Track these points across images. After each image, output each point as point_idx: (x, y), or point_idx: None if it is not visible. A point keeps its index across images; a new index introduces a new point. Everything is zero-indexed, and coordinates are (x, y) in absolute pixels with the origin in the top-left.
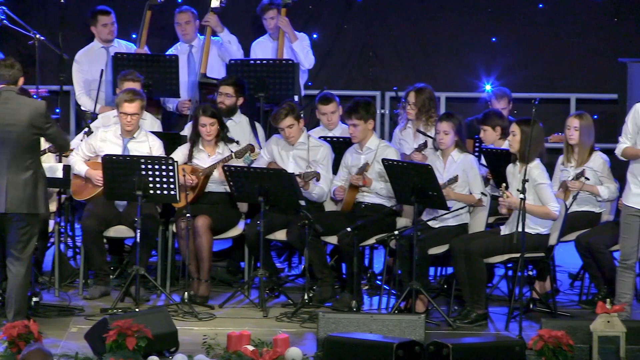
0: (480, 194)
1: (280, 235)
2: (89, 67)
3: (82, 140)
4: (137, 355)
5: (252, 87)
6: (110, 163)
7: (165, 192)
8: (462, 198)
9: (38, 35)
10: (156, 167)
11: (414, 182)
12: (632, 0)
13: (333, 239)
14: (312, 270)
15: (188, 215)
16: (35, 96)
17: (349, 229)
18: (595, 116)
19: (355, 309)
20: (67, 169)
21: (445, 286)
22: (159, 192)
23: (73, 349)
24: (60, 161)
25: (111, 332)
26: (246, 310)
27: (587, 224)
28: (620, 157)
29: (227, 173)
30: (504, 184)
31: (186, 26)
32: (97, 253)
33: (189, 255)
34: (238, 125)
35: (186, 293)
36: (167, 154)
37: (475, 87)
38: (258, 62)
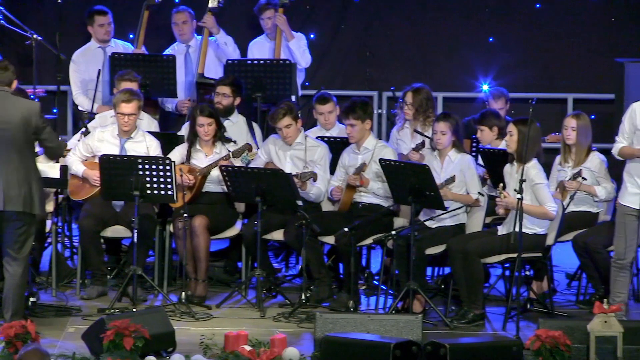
0: (478, 194)
1: (278, 235)
2: (86, 67)
3: (79, 140)
4: (135, 356)
5: (249, 87)
6: (107, 163)
7: (163, 192)
8: (459, 198)
9: (35, 36)
10: (153, 167)
11: (411, 182)
12: (629, 1)
13: (330, 239)
14: (310, 271)
15: (185, 215)
16: (32, 96)
17: (346, 229)
18: (593, 116)
19: (352, 309)
20: (65, 169)
21: (443, 286)
22: (156, 192)
23: (70, 349)
24: (58, 161)
25: (108, 332)
26: (243, 311)
27: (584, 224)
28: (617, 157)
29: (225, 173)
30: (501, 184)
31: (183, 26)
32: (95, 253)
33: (186, 255)
34: (235, 125)
35: (183, 293)
36: (164, 154)
37: (472, 87)
38: (255, 62)
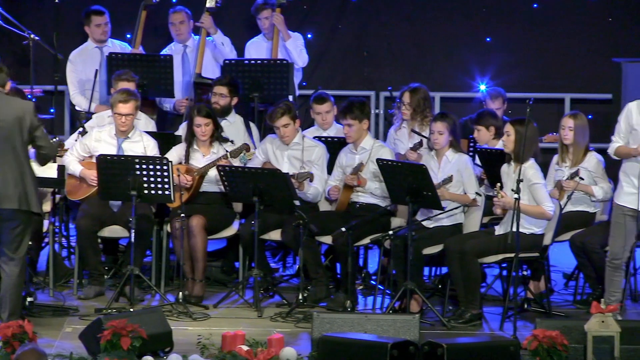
0: (475, 194)
1: (275, 235)
2: (83, 67)
3: (76, 140)
4: (132, 355)
5: (246, 87)
6: (104, 163)
7: (160, 192)
8: (456, 198)
9: (32, 35)
10: (150, 167)
11: (409, 182)
12: (627, 1)
13: (327, 239)
14: (307, 270)
15: (182, 215)
16: (30, 96)
17: (343, 228)
18: (590, 116)
19: (349, 309)
20: (62, 169)
21: (440, 286)
22: (153, 192)
23: (67, 349)
24: (55, 161)
25: (106, 332)
26: (241, 310)
27: (581, 223)
28: (613, 156)
29: (222, 173)
30: (498, 184)
31: (180, 26)
32: (92, 253)
33: (184, 255)
34: (232, 125)
35: (181, 293)
36: (161, 154)
37: (469, 87)
38: (252, 62)
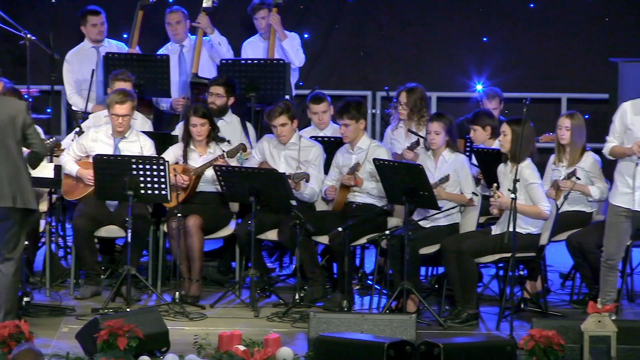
0: (472, 193)
1: (272, 235)
2: (79, 67)
3: (73, 140)
4: (128, 355)
5: (243, 87)
6: (101, 163)
7: (156, 192)
8: (453, 198)
9: (29, 35)
10: (147, 167)
11: (405, 182)
12: (623, 0)
13: (324, 239)
14: (303, 270)
15: (179, 215)
16: (26, 96)
17: (340, 228)
18: (587, 116)
19: (346, 309)
20: (58, 169)
21: (437, 286)
22: (150, 192)
23: (64, 348)
24: (52, 161)
25: (102, 332)
26: (237, 310)
27: (578, 223)
28: (608, 156)
29: (219, 173)
30: (495, 184)
31: (177, 26)
32: (88, 253)
33: (180, 255)
34: (229, 125)
35: (177, 293)
36: (158, 154)
37: (466, 86)
38: (249, 62)
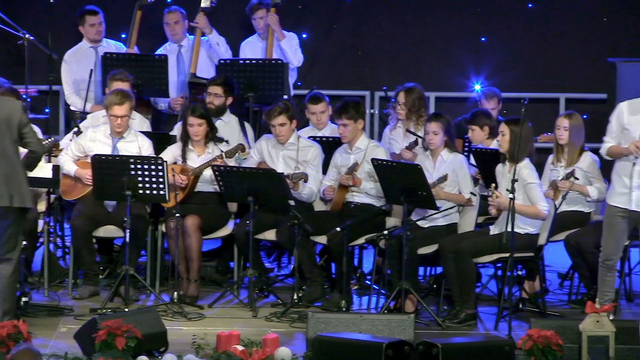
0: (470, 193)
1: (270, 235)
2: (77, 67)
3: (71, 140)
4: (127, 355)
5: (241, 87)
6: (99, 163)
7: (155, 192)
8: (451, 197)
9: (27, 35)
10: (145, 167)
11: (404, 182)
12: (622, 0)
13: (322, 239)
14: (302, 270)
15: (177, 215)
16: (24, 96)
17: (338, 228)
18: (585, 116)
19: (344, 309)
20: (57, 169)
21: (435, 286)
22: (148, 192)
23: (62, 348)
24: (50, 161)
25: (100, 332)
26: (235, 310)
27: (576, 223)
28: (605, 157)
29: (217, 173)
30: (493, 184)
31: (175, 26)
32: (87, 253)
33: (179, 255)
34: (227, 125)
35: (175, 293)
36: (156, 154)
37: (464, 86)
38: (247, 62)
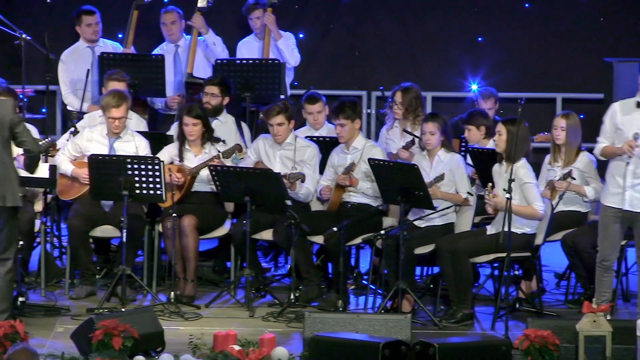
0: (467, 193)
1: (267, 235)
2: (74, 66)
3: (68, 140)
4: (123, 355)
5: (238, 87)
6: (96, 163)
7: (152, 192)
8: (448, 197)
9: (24, 35)
10: (142, 167)
11: (400, 181)
12: (618, 0)
13: (319, 239)
14: (299, 270)
15: (174, 215)
16: (21, 96)
17: (335, 228)
18: (582, 116)
19: (341, 309)
20: (53, 169)
21: (432, 286)
22: (145, 192)
23: (59, 348)
24: (47, 161)
25: (97, 332)
26: (232, 310)
27: (573, 223)
28: (599, 157)
29: (214, 173)
30: (489, 184)
31: (172, 26)
32: (83, 253)
33: (175, 255)
34: (224, 125)
35: (172, 293)
36: (153, 154)
37: (461, 86)
38: (244, 61)
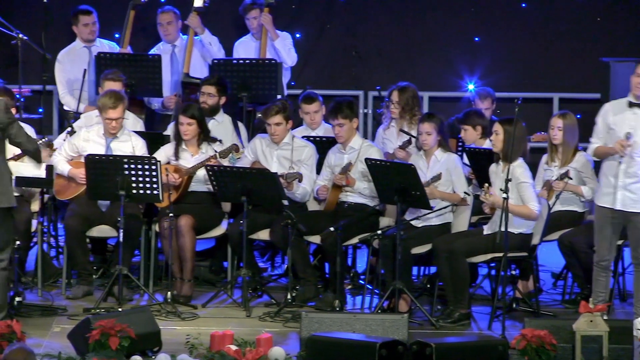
0: (464, 193)
1: (264, 234)
2: (71, 66)
3: (65, 140)
4: (120, 355)
5: (234, 86)
6: (93, 163)
7: (148, 192)
8: (446, 196)
9: (21, 35)
10: (139, 166)
11: (397, 181)
12: (615, 0)
13: (316, 239)
14: (295, 270)
15: (171, 214)
16: (18, 96)
17: (332, 228)
18: (578, 115)
19: (338, 309)
20: (50, 169)
21: (429, 285)
22: (141, 191)
23: (56, 348)
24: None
25: (94, 332)
26: (229, 310)
27: (570, 223)
28: (592, 157)
29: (210, 172)
30: (486, 184)
31: (168, 27)
32: (80, 253)
33: (172, 255)
34: (221, 125)
35: (169, 293)
36: (150, 154)
37: (458, 86)
38: (241, 61)
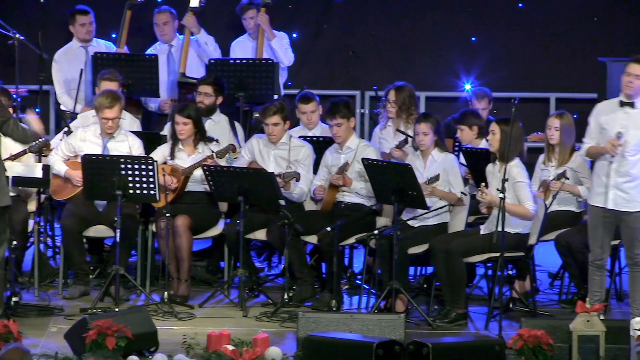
0: (460, 193)
1: (260, 234)
2: (68, 66)
3: (61, 140)
4: (117, 355)
5: (231, 86)
6: (89, 163)
7: (145, 192)
8: (446, 195)
9: (17, 35)
10: (136, 166)
11: (394, 181)
12: (612, 0)
13: (313, 239)
14: (292, 270)
15: (168, 214)
16: (14, 95)
17: (328, 228)
18: (575, 115)
19: (335, 309)
20: (47, 169)
21: (425, 285)
22: (138, 191)
23: (53, 348)
24: (40, 161)
25: (91, 332)
26: (226, 310)
27: (566, 223)
28: (585, 157)
29: (207, 172)
30: (482, 184)
31: (164, 27)
32: (77, 253)
33: (169, 255)
34: (217, 125)
35: (166, 293)
36: (146, 154)
37: (455, 86)
38: (237, 61)
